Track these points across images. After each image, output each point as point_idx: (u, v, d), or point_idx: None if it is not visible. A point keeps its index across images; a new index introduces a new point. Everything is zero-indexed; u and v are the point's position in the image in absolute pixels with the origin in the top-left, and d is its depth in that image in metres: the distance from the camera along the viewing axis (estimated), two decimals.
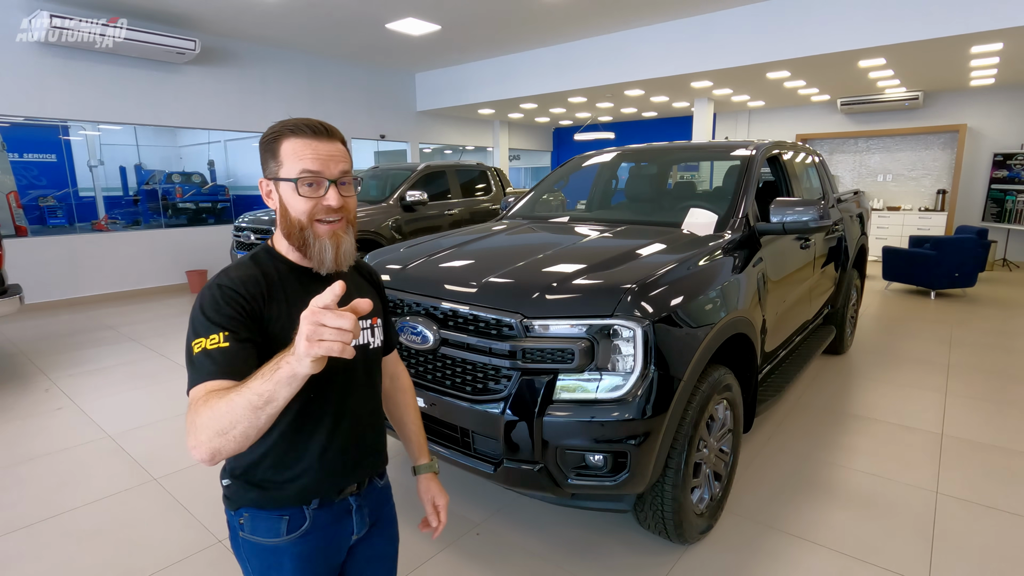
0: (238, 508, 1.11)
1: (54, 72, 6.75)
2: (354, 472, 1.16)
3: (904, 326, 5.79)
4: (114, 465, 3.07)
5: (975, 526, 2.46)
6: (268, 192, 1.10)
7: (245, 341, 0.98)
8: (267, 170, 1.08)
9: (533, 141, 15.61)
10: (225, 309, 0.99)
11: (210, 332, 0.96)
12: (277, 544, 1.09)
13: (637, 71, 8.13)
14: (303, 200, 1.04)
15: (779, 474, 2.91)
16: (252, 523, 1.10)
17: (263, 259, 1.11)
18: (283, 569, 1.10)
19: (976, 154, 9.74)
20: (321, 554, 1.13)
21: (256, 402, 0.83)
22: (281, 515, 1.09)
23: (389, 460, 1.30)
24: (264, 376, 0.83)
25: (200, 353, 0.95)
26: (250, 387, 0.84)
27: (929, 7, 5.81)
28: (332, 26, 7.69)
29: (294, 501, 1.09)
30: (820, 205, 2.74)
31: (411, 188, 6.62)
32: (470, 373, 2.12)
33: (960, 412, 3.63)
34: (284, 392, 0.83)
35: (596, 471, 1.95)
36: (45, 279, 6.94)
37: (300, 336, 0.78)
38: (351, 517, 1.17)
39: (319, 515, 1.11)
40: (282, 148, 1.05)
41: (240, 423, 0.84)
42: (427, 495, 1.35)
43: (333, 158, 1.06)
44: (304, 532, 1.10)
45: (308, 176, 1.03)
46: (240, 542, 1.13)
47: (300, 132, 1.05)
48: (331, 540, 1.15)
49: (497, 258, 2.51)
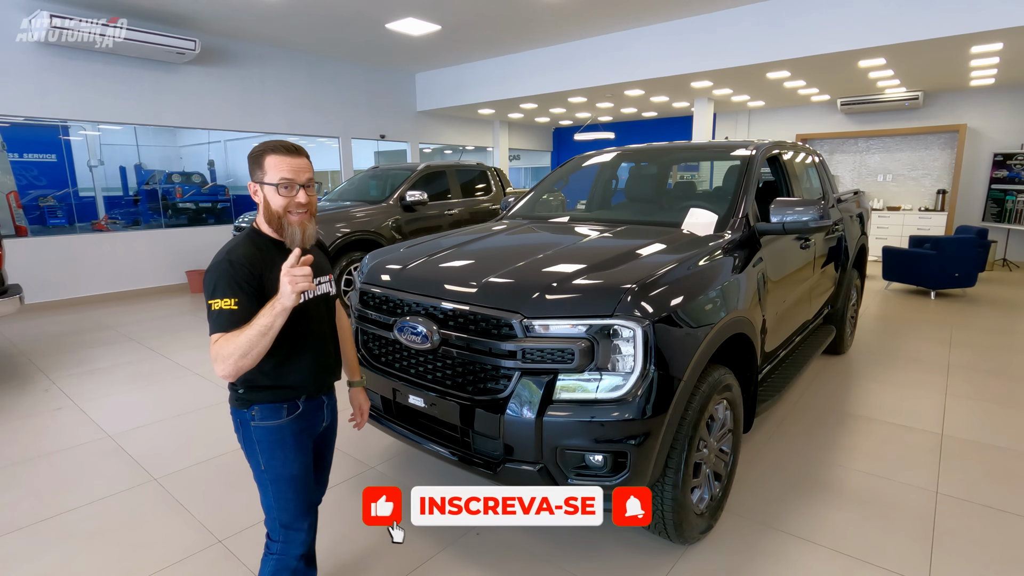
0: (249, 406, 1.59)
1: (54, 72, 6.75)
2: (327, 376, 1.73)
3: (904, 326, 5.79)
4: (114, 465, 3.07)
5: (975, 526, 2.46)
6: (255, 191, 1.58)
7: (250, 300, 1.47)
8: (254, 176, 1.57)
9: (533, 141, 15.61)
10: (236, 280, 1.46)
11: (225, 296, 1.45)
12: (280, 424, 1.60)
13: (637, 71, 8.13)
14: (281, 198, 1.54)
15: (779, 474, 2.91)
16: (261, 413, 1.59)
17: (255, 238, 1.59)
18: (286, 440, 1.61)
19: (976, 154, 9.73)
20: (307, 431, 1.68)
21: (263, 330, 1.40)
22: (281, 405, 1.61)
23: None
24: (264, 314, 1.41)
25: (218, 311, 1.44)
26: (257, 321, 1.40)
27: (929, 7, 5.81)
28: (332, 26, 7.69)
29: (290, 396, 1.62)
30: (820, 205, 2.74)
31: (411, 188, 6.61)
32: (470, 373, 2.12)
33: (960, 412, 3.63)
34: (279, 321, 1.41)
35: (596, 471, 1.95)
36: (45, 279, 6.94)
37: (283, 284, 1.38)
38: (323, 410, 1.74)
39: (306, 405, 1.66)
40: (266, 161, 1.54)
41: (255, 347, 1.41)
42: (356, 401, 1.99)
43: (302, 170, 1.56)
44: (298, 415, 1.63)
45: (285, 181, 1.53)
46: (252, 430, 1.60)
47: (279, 151, 1.54)
48: (312, 422, 1.70)
49: (497, 258, 2.51)
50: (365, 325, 2.54)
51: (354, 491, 2.80)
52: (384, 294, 2.44)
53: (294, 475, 1.63)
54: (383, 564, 2.27)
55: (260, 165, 1.54)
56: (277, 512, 1.65)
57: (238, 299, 1.44)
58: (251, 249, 1.54)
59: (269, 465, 1.61)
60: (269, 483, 1.63)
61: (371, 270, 2.62)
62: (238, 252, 1.51)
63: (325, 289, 1.71)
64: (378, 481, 2.89)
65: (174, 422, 3.61)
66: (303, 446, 1.65)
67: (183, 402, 3.92)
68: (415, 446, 2.37)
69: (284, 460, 1.61)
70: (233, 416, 1.64)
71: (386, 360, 2.45)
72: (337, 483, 2.85)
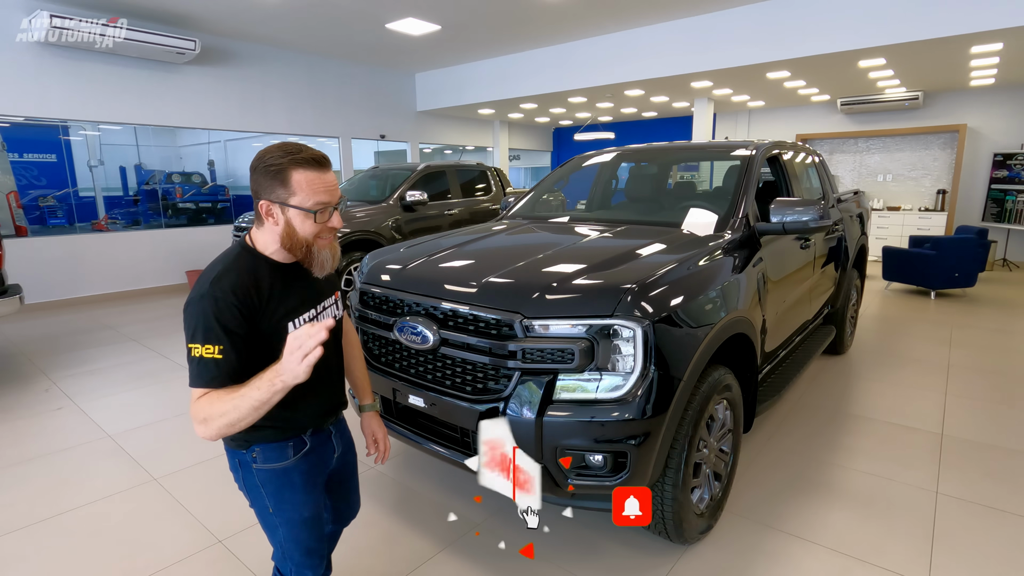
0: (249, 447, 1.36)
1: (54, 72, 6.75)
2: (332, 407, 1.50)
3: (904, 326, 5.79)
4: (114, 465, 3.07)
5: (975, 526, 2.46)
6: (269, 212, 1.26)
7: (237, 344, 1.21)
8: (271, 194, 1.25)
9: (533, 141, 15.61)
10: (220, 320, 1.19)
11: (207, 342, 1.17)
12: (287, 466, 1.38)
13: (637, 71, 8.13)
14: (313, 225, 1.26)
15: (779, 474, 2.91)
16: (264, 454, 1.37)
17: (246, 260, 1.29)
18: (294, 483, 1.40)
19: (976, 154, 9.73)
20: (317, 468, 1.46)
21: (256, 405, 1.13)
22: (287, 444, 1.38)
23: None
24: (261, 387, 1.12)
25: (198, 358, 1.18)
26: (251, 396, 1.12)
27: (929, 7, 5.81)
28: (332, 26, 7.69)
29: (296, 432, 1.40)
30: (820, 205, 2.74)
31: (411, 188, 6.61)
32: (470, 373, 2.12)
33: (960, 412, 3.63)
34: (278, 398, 1.14)
35: (596, 471, 1.95)
36: (45, 279, 6.94)
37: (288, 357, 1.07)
38: (332, 440, 1.53)
39: (314, 439, 1.44)
40: (293, 179, 1.23)
41: (245, 419, 1.15)
42: (368, 429, 1.71)
43: (335, 188, 1.29)
44: (306, 453, 1.41)
45: (321, 206, 1.25)
46: (253, 472, 1.38)
47: (308, 165, 1.24)
48: (322, 457, 1.48)
49: (497, 258, 2.51)
50: (365, 325, 2.55)
51: None
52: (384, 294, 2.44)
53: (307, 518, 1.43)
54: (383, 564, 2.26)
55: (284, 183, 1.23)
56: (290, 554, 1.48)
57: (223, 346, 1.17)
58: (243, 279, 1.24)
59: (278, 508, 1.41)
60: (279, 526, 1.44)
61: (371, 270, 2.62)
62: (225, 284, 1.21)
63: (331, 313, 1.48)
64: (378, 481, 2.89)
65: (174, 422, 3.61)
66: (314, 484, 1.45)
67: (183, 402, 3.92)
68: (415, 446, 2.37)
69: (294, 503, 1.41)
70: (229, 457, 1.41)
71: (386, 360, 2.45)
72: None
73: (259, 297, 1.25)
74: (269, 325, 1.26)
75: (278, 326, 1.27)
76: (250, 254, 1.30)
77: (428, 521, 2.55)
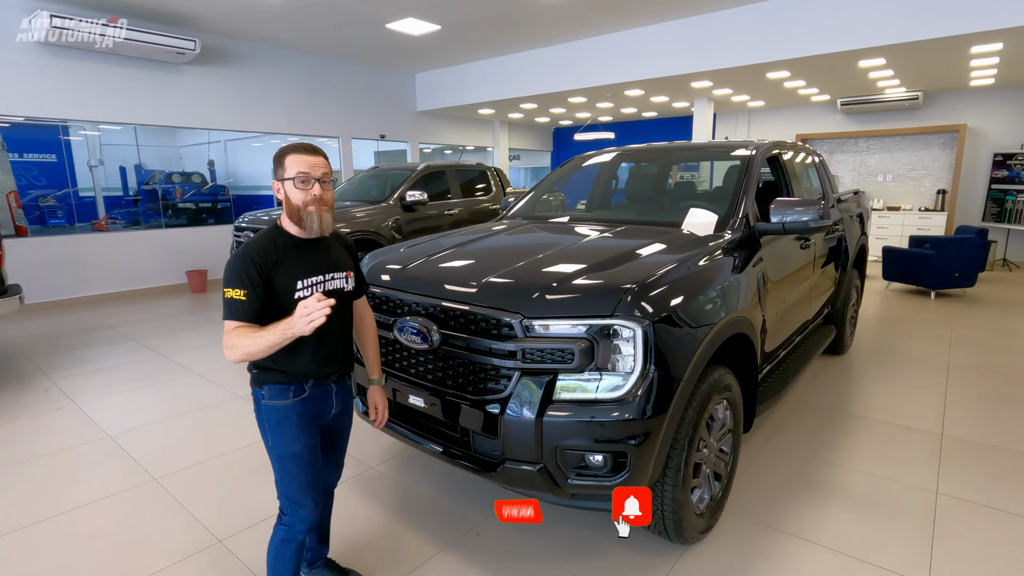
0: (261, 385, 1.74)
1: (54, 72, 6.75)
2: (333, 366, 1.82)
3: (904, 326, 5.79)
4: (114, 465, 3.07)
5: (975, 526, 2.46)
6: (278, 189, 1.72)
7: (257, 292, 1.63)
8: (277, 175, 1.72)
9: (533, 141, 15.61)
10: (247, 273, 1.63)
11: (235, 287, 1.62)
12: (287, 404, 1.73)
13: (637, 71, 8.13)
14: (299, 192, 1.68)
15: (779, 474, 2.91)
16: (270, 392, 1.73)
17: (275, 233, 1.74)
18: (290, 421, 1.74)
19: (976, 154, 9.74)
20: (313, 414, 1.79)
21: (270, 345, 1.55)
22: (288, 387, 1.74)
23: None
24: (276, 332, 1.54)
25: (230, 299, 1.62)
26: (269, 337, 1.54)
27: (929, 7, 5.81)
28: (332, 26, 7.69)
29: (297, 379, 1.74)
30: (820, 205, 2.74)
31: (411, 188, 6.60)
32: (470, 373, 2.12)
33: (960, 412, 3.63)
34: (286, 343, 1.56)
35: (596, 471, 1.95)
36: (45, 279, 6.94)
37: (298, 312, 1.48)
38: (332, 397, 1.84)
39: (313, 390, 1.77)
40: (287, 160, 1.69)
41: (259, 354, 1.58)
42: (372, 400, 2.07)
43: (317, 166, 1.70)
44: (303, 399, 1.75)
45: (302, 175, 1.67)
46: (262, 407, 1.75)
47: (298, 150, 1.70)
48: (319, 407, 1.81)
49: (497, 258, 2.51)
50: None
51: (354, 491, 2.80)
52: (384, 294, 2.44)
53: (296, 453, 1.75)
54: (383, 564, 2.27)
55: (282, 164, 1.69)
56: (283, 487, 1.78)
57: (247, 291, 1.61)
58: (267, 246, 1.68)
59: (275, 442, 1.75)
60: (276, 459, 1.76)
61: (371, 270, 2.62)
62: (253, 249, 1.67)
63: (339, 285, 1.81)
64: (378, 481, 2.89)
65: (174, 422, 3.61)
66: (307, 428, 1.76)
67: (183, 402, 3.92)
68: (415, 446, 2.37)
69: (288, 438, 1.74)
70: (252, 395, 1.79)
71: (386, 360, 2.45)
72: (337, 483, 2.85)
73: (276, 259, 1.67)
74: (281, 281, 1.67)
75: (289, 283, 1.68)
76: (277, 230, 1.75)
77: (428, 521, 2.55)
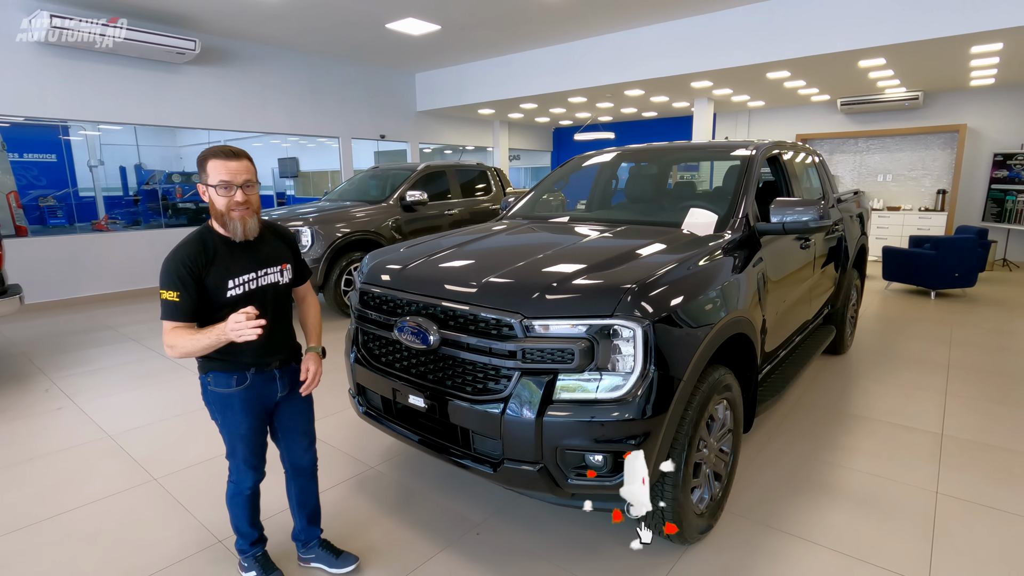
0: (207, 372, 1.87)
1: (54, 72, 6.75)
2: (275, 355, 1.94)
3: (904, 326, 5.79)
4: (114, 465, 3.07)
5: (975, 526, 2.46)
6: (203, 192, 1.78)
7: (191, 292, 1.73)
8: (200, 178, 1.77)
9: (533, 141, 15.61)
10: (178, 274, 1.72)
11: (169, 288, 1.72)
12: (230, 392, 1.86)
13: (637, 71, 8.13)
14: (221, 198, 1.75)
15: (779, 474, 2.91)
16: (215, 380, 1.86)
17: (205, 234, 1.81)
18: (234, 406, 1.88)
19: (976, 154, 9.73)
20: (257, 400, 1.92)
21: (206, 346, 1.71)
22: (231, 375, 1.86)
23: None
24: (210, 336, 1.68)
25: (164, 300, 1.73)
26: (203, 340, 1.68)
27: (929, 7, 5.81)
28: (332, 26, 7.69)
29: (239, 367, 1.86)
30: (820, 205, 2.74)
31: (411, 188, 6.61)
32: (470, 373, 2.12)
33: (960, 412, 3.63)
34: (221, 345, 1.71)
35: (596, 471, 1.95)
36: (45, 279, 6.94)
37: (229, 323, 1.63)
38: (275, 382, 1.96)
39: (255, 377, 1.89)
40: (208, 165, 1.74)
41: (198, 352, 1.73)
42: (305, 364, 2.04)
43: (239, 172, 1.74)
44: (246, 386, 1.88)
45: (223, 183, 1.73)
46: (208, 393, 1.89)
47: (219, 155, 1.73)
48: (263, 393, 1.93)
49: (497, 258, 2.51)
50: (365, 325, 2.55)
51: (354, 491, 2.80)
52: (384, 294, 2.44)
53: (242, 434, 1.91)
54: (383, 563, 2.27)
55: (203, 168, 1.74)
56: (231, 457, 1.97)
57: (179, 293, 1.71)
58: (196, 247, 1.76)
59: (222, 423, 1.92)
60: (225, 435, 1.94)
61: (371, 270, 2.62)
62: (183, 251, 1.75)
63: (273, 279, 1.91)
64: (378, 481, 2.89)
65: (174, 422, 3.61)
66: (252, 411, 1.91)
67: (183, 402, 3.92)
68: (415, 446, 2.37)
69: (234, 421, 1.89)
70: (200, 380, 1.92)
71: (386, 360, 2.45)
72: (337, 483, 2.85)
73: (205, 261, 1.75)
74: (212, 281, 1.76)
75: (220, 282, 1.77)
76: (207, 231, 1.81)
77: (428, 521, 2.55)
